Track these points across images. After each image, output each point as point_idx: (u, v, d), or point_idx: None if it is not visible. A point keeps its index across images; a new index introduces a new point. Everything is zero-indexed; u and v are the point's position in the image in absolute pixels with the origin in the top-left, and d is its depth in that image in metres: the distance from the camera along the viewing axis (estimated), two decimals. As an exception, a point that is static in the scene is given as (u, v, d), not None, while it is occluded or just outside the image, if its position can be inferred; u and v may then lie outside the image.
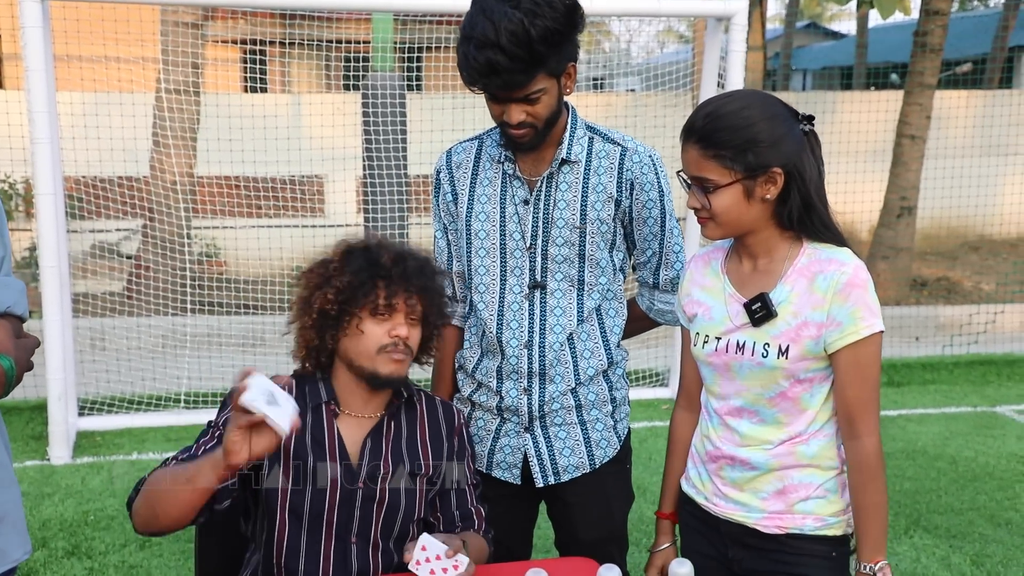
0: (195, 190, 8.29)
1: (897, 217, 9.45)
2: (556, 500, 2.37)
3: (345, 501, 2.00)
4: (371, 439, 2.06)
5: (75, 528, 4.13)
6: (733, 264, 1.99)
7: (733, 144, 1.82)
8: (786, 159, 1.83)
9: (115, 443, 5.28)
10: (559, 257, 2.24)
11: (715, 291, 2.00)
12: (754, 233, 1.91)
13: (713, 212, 1.87)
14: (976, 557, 3.88)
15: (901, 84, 15.33)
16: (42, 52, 4.71)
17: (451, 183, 2.34)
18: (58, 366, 4.93)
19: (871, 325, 1.84)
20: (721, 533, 2.03)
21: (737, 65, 5.40)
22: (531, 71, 2.03)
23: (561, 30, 2.03)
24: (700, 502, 2.06)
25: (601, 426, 2.33)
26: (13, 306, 1.85)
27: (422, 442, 2.12)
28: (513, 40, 1.97)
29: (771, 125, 1.84)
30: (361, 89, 6.12)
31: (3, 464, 1.86)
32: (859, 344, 1.84)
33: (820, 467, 1.93)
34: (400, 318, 2.04)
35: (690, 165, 1.88)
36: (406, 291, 2.04)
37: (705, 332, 1.99)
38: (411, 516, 2.06)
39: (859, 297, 1.83)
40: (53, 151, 4.85)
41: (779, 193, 1.85)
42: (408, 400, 2.14)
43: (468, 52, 2.02)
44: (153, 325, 6.95)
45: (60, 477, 4.74)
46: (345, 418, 2.08)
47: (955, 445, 5.27)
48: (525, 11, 1.98)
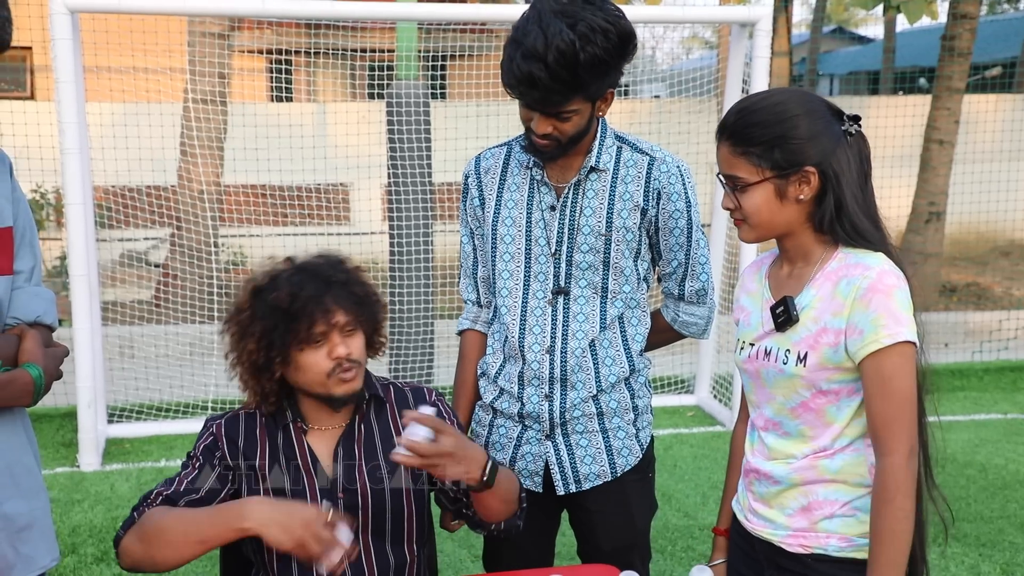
0: (222, 199, 8.36)
1: (925, 222, 9.36)
2: (577, 508, 2.37)
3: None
4: (342, 446, 2.05)
5: (104, 534, 4.17)
6: (775, 269, 1.95)
7: (762, 140, 1.77)
8: (820, 158, 1.77)
9: (144, 450, 5.33)
10: (583, 264, 2.24)
11: (756, 296, 1.97)
12: (791, 236, 1.85)
13: (744, 212, 1.83)
14: (1006, 566, 3.84)
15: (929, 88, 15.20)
16: (71, 63, 4.77)
17: (479, 188, 2.35)
18: (87, 374, 4.98)
19: (894, 334, 1.72)
20: (756, 550, 1.98)
21: (762, 71, 5.39)
22: (570, 94, 2.04)
23: (609, 61, 2.03)
24: (740, 519, 2.02)
25: (623, 434, 2.32)
26: (43, 315, 1.88)
27: (396, 435, 2.06)
28: (559, 60, 1.97)
29: (805, 122, 1.77)
30: (385, 97, 6.15)
31: (32, 472, 1.89)
32: (882, 354, 1.73)
33: (847, 483, 1.83)
34: (335, 337, 1.98)
35: (722, 163, 1.84)
36: (324, 311, 1.96)
37: (743, 338, 1.96)
38: (400, 513, 2.04)
39: (881, 303, 1.73)
40: (83, 161, 4.91)
41: (815, 194, 1.79)
42: (375, 398, 2.11)
43: (514, 58, 2.02)
44: (181, 333, 7.00)
45: (90, 484, 4.79)
46: (314, 432, 2.07)
47: (985, 452, 5.21)
48: (580, 34, 1.97)
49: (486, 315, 2.44)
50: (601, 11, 2.02)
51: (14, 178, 1.86)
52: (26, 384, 1.76)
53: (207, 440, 2.04)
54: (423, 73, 7.04)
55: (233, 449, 2.03)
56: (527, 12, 2.06)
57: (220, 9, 5.45)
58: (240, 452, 2.03)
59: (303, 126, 8.76)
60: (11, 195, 1.84)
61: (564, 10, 2.00)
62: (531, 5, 2.07)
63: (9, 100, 11.99)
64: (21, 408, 1.84)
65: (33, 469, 1.89)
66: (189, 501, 1.95)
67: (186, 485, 1.97)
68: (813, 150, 1.77)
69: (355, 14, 5.34)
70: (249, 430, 2.06)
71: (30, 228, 1.89)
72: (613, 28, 2.01)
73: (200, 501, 1.95)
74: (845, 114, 1.82)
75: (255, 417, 2.08)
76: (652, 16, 5.74)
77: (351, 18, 5.81)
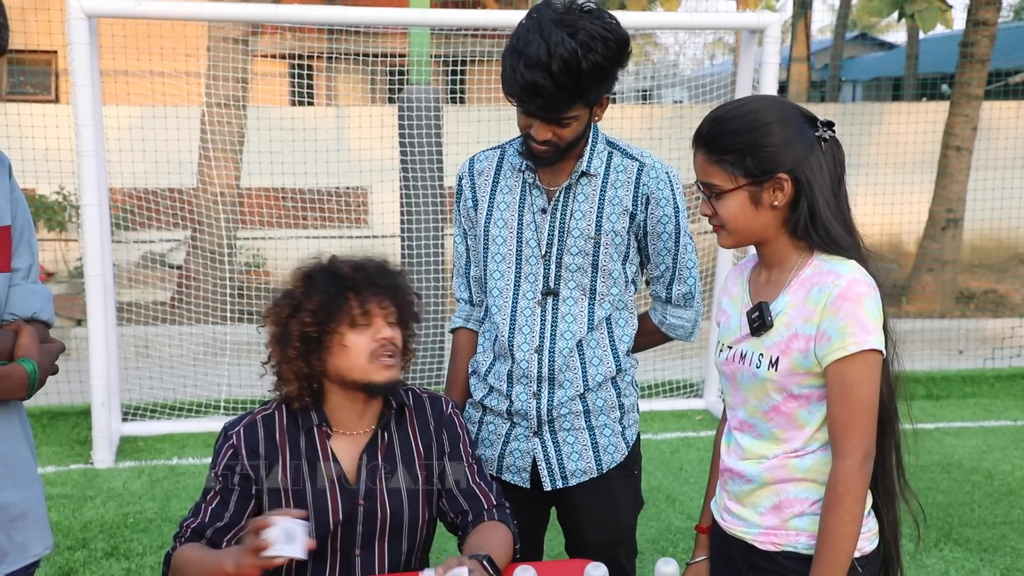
0: (240, 201, 8.45)
1: (943, 229, 9.33)
2: (564, 504, 2.41)
3: (347, 520, 2.04)
4: (366, 455, 2.08)
5: (115, 530, 4.25)
6: (755, 273, 1.98)
7: (735, 148, 1.80)
8: (793, 165, 1.79)
9: (156, 448, 5.41)
10: (573, 266, 2.29)
11: (737, 300, 2.00)
12: (767, 242, 1.88)
13: (721, 219, 1.86)
14: (1007, 571, 3.83)
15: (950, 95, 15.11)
16: (88, 67, 4.86)
17: (472, 189, 2.40)
18: (102, 372, 5.07)
19: (861, 342, 1.75)
20: (731, 549, 2.01)
21: (770, 77, 5.41)
22: (572, 101, 2.10)
23: (608, 68, 2.09)
24: (716, 518, 2.05)
25: (609, 432, 2.36)
26: (39, 311, 1.94)
27: (416, 446, 2.14)
28: (564, 68, 2.02)
29: (777, 129, 1.79)
30: (397, 102, 6.22)
31: (27, 463, 1.95)
32: (847, 361, 1.76)
33: (816, 482, 1.86)
34: (379, 322, 2.06)
35: (698, 170, 1.87)
36: (376, 295, 2.06)
37: (722, 341, 1.99)
38: (416, 520, 2.09)
39: (850, 311, 1.75)
40: (99, 163, 5.00)
41: (789, 200, 1.81)
42: (398, 409, 2.16)
43: (516, 67, 2.07)
44: (196, 333, 7.09)
45: (103, 480, 4.88)
46: (338, 437, 2.10)
47: (992, 459, 5.20)
48: (581, 42, 2.02)
49: (478, 314, 2.49)
50: (599, 19, 2.07)
51: (13, 178, 1.93)
52: (21, 378, 1.82)
53: (227, 454, 2.06)
54: (438, 78, 7.11)
55: (254, 459, 2.05)
56: (525, 22, 2.10)
57: (234, 15, 5.54)
58: (260, 458, 2.05)
59: (321, 129, 8.84)
60: (10, 195, 1.91)
61: (563, 19, 2.05)
62: (528, 15, 2.12)
63: (35, 103, 12.19)
64: (17, 401, 1.90)
65: (28, 460, 1.95)
66: (216, 530, 2.01)
67: (211, 514, 2.03)
68: (786, 157, 1.79)
69: (366, 20, 5.42)
70: (268, 435, 2.08)
71: (28, 227, 1.95)
72: (612, 36, 2.07)
73: (226, 527, 2.01)
74: (819, 120, 1.85)
75: (274, 419, 2.10)
76: (664, 22, 5.79)
77: (362, 24, 5.88)
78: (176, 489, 4.74)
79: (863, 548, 1.88)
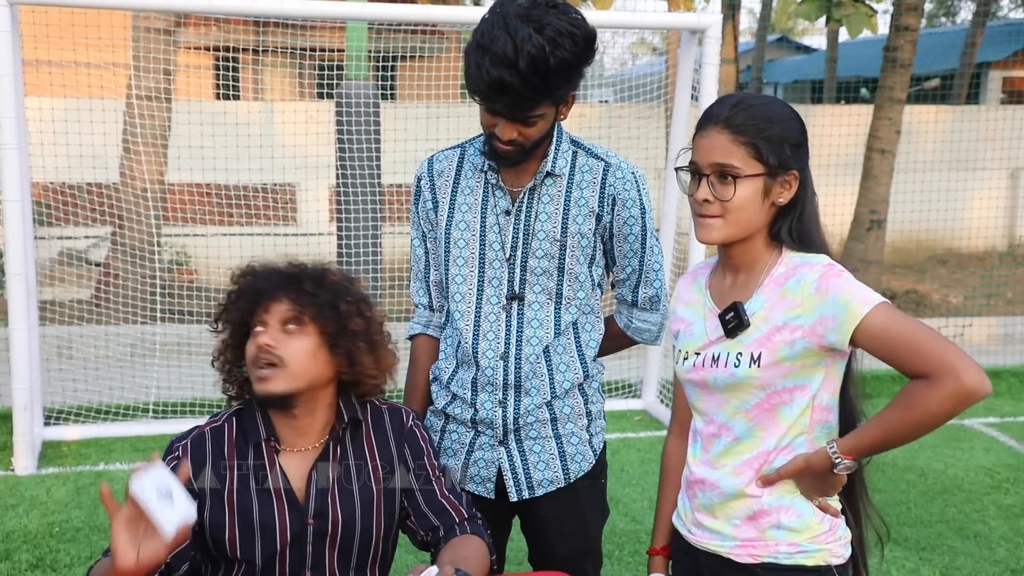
0: (166, 197, 8.22)
1: (867, 230, 9.53)
2: (530, 515, 2.35)
3: (296, 540, 1.94)
4: (316, 471, 1.97)
5: (39, 540, 4.06)
6: (716, 280, 1.95)
7: (766, 135, 1.77)
8: (802, 165, 1.81)
9: (82, 453, 5.20)
10: (538, 269, 2.23)
11: (697, 306, 1.96)
12: (745, 241, 1.84)
13: (728, 206, 1.78)
14: (945, 570, 3.91)
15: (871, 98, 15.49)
16: (11, 57, 4.64)
17: (432, 190, 2.32)
18: (24, 375, 4.85)
19: (866, 301, 1.70)
20: (700, 564, 1.95)
21: (711, 77, 5.43)
22: (539, 98, 2.03)
23: (576, 64, 2.03)
24: (683, 533, 1.99)
25: (576, 440, 2.31)
26: None
27: (372, 459, 2.02)
28: (531, 65, 1.96)
29: (798, 127, 1.82)
30: (335, 97, 6.09)
31: None
32: (865, 322, 1.69)
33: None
34: (262, 328, 1.92)
35: (713, 151, 1.78)
36: (271, 298, 1.93)
37: (685, 349, 1.94)
38: (369, 540, 1.99)
39: (839, 285, 1.73)
40: (21, 157, 4.78)
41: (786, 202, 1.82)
42: (352, 422, 2.04)
43: (481, 64, 1.99)
44: (121, 334, 6.85)
45: (25, 488, 4.66)
46: (287, 453, 1.99)
47: (924, 457, 5.30)
48: (548, 39, 1.96)
49: (438, 319, 2.41)
50: (565, 15, 2.01)
51: None
52: None
53: (170, 465, 1.92)
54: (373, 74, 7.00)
55: (197, 472, 1.93)
56: (489, 17, 2.03)
57: (164, 5, 5.35)
58: (206, 475, 1.94)
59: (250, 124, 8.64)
60: None
61: (528, 15, 1.98)
62: (492, 10, 2.05)
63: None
64: None
65: None
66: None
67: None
68: (799, 156, 1.81)
69: (304, 12, 5.28)
70: (217, 448, 1.97)
71: None
72: (579, 32, 2.01)
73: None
74: None
75: (223, 432, 2.00)
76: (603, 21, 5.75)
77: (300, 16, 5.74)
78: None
79: (842, 554, 1.87)
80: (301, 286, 1.96)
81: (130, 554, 1.60)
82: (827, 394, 1.85)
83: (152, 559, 1.61)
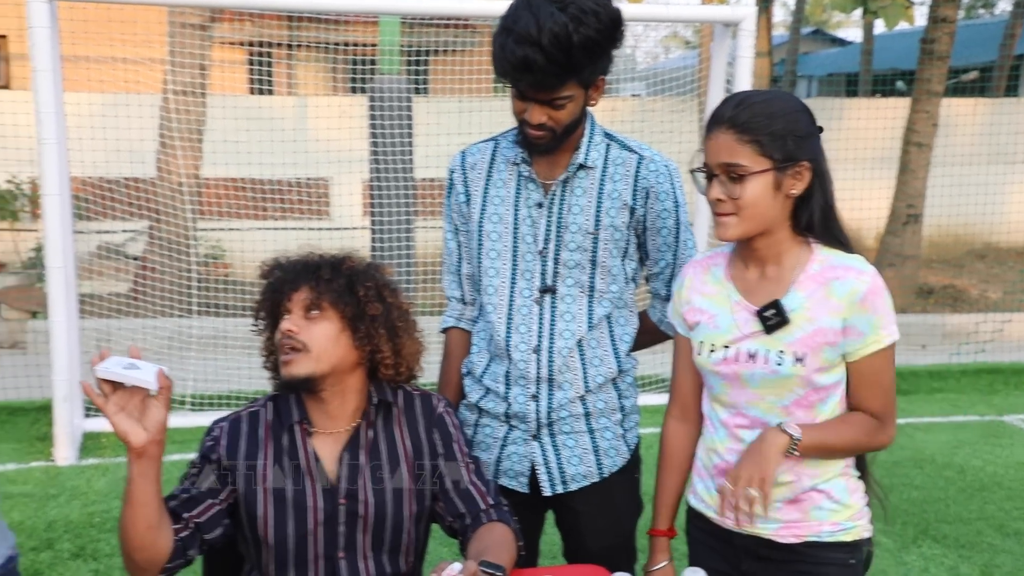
0: (200, 192, 8.28)
1: (904, 224, 9.42)
2: (564, 509, 2.34)
3: (328, 520, 1.97)
4: (348, 453, 2.01)
5: (80, 530, 4.12)
6: (738, 271, 1.96)
7: (770, 130, 1.80)
8: (813, 155, 1.83)
9: (121, 445, 5.22)
10: (571, 262, 2.22)
11: (719, 298, 1.97)
12: (768, 235, 1.87)
13: (740, 204, 1.83)
14: (985, 568, 3.86)
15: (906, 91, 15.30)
16: (49, 52, 4.70)
17: (464, 184, 2.33)
18: (64, 367, 4.92)
19: (892, 334, 1.85)
20: (735, 547, 2.00)
21: (745, 71, 5.39)
22: (564, 76, 2.03)
23: (602, 42, 2.03)
24: (710, 516, 2.03)
25: (610, 435, 2.30)
26: None
27: (402, 443, 2.06)
28: (554, 42, 1.96)
29: (804, 119, 1.85)
30: (368, 92, 6.11)
31: None
32: (879, 352, 1.85)
33: (827, 465, 1.92)
34: (288, 315, 1.99)
35: (720, 152, 1.83)
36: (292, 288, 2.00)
37: (711, 341, 1.95)
38: (400, 524, 2.01)
39: (879, 306, 1.83)
40: (60, 152, 4.84)
41: (801, 192, 1.84)
42: (383, 404, 2.08)
43: (506, 44, 2.00)
44: (159, 327, 6.93)
45: (66, 478, 4.73)
46: (320, 435, 2.03)
47: (963, 454, 5.24)
48: (571, 16, 1.96)
49: (471, 312, 2.41)
50: None
51: None
52: None
53: (208, 443, 2.02)
54: (405, 68, 7.01)
55: (232, 450, 2.00)
56: (514, 2, 2.04)
57: (201, 1, 5.39)
58: (240, 453, 2.00)
59: (283, 119, 8.70)
60: None
61: None
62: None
63: (-16, 89, 11.85)
64: None
65: None
66: (180, 501, 1.93)
67: (179, 489, 1.97)
68: (808, 147, 1.83)
69: (337, 7, 5.30)
70: (252, 431, 2.03)
71: None
72: (602, 10, 2.01)
73: (192, 500, 1.94)
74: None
75: (259, 416, 2.05)
76: (636, 14, 5.73)
77: (334, 11, 5.76)
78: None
79: (871, 528, 1.98)
80: (319, 274, 2.02)
81: (137, 429, 1.75)
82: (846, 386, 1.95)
83: (157, 424, 1.76)
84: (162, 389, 1.76)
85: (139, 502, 1.79)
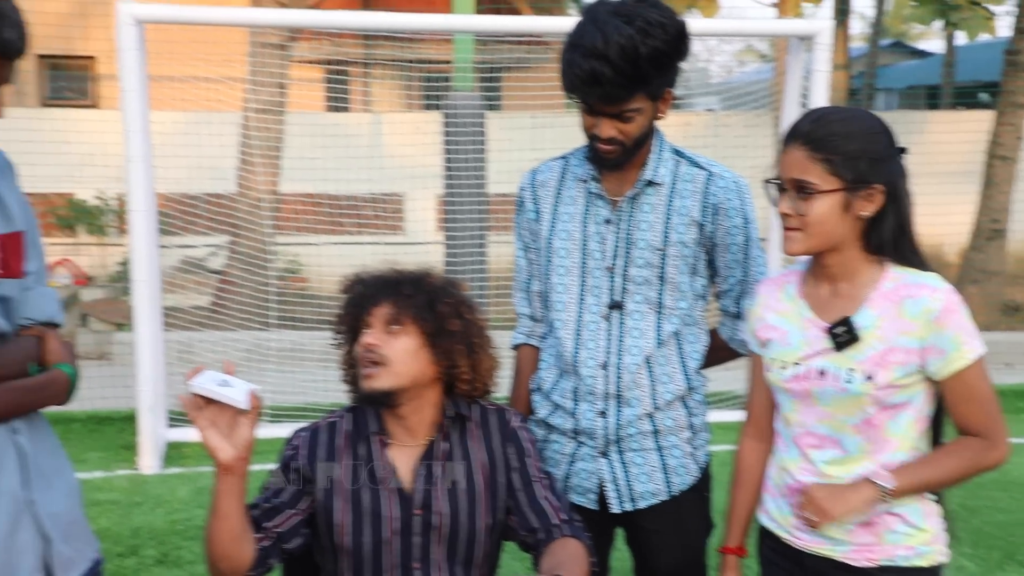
0: (278, 207, 8.47)
1: (988, 240, 9.19)
2: (633, 527, 2.35)
3: (404, 529, 2.01)
4: (423, 464, 2.05)
5: (164, 537, 4.24)
6: (810, 288, 1.95)
7: (844, 151, 1.79)
8: (888, 178, 1.81)
9: (203, 455, 5.36)
10: (639, 278, 2.23)
11: (791, 316, 1.96)
12: (837, 252, 1.86)
13: (807, 221, 1.82)
14: (1070, 594, 3.74)
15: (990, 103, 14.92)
16: (137, 73, 4.88)
17: (534, 201, 2.35)
18: (148, 378, 5.07)
19: (975, 348, 1.82)
20: (805, 567, 1.98)
21: (821, 84, 5.33)
22: (632, 88, 2.05)
23: (669, 53, 2.05)
24: (781, 536, 2.01)
25: (679, 452, 2.30)
26: (54, 315, 1.92)
27: (477, 457, 2.09)
28: (621, 54, 1.98)
29: (883, 140, 1.83)
30: (442, 108, 6.19)
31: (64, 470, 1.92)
32: (968, 369, 1.82)
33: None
34: (368, 329, 2.03)
35: (792, 167, 1.83)
36: (374, 303, 2.04)
37: (782, 358, 1.95)
38: (475, 536, 2.04)
39: (957, 323, 1.81)
40: (146, 169, 5.01)
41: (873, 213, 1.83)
42: (457, 417, 2.11)
43: (573, 59, 2.04)
44: (238, 339, 7.09)
45: (150, 487, 4.87)
46: (397, 447, 2.07)
47: (1049, 477, 5.08)
48: (637, 28, 1.99)
49: (540, 329, 2.43)
50: (655, 8, 2.04)
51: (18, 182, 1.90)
52: (63, 384, 1.82)
53: (288, 452, 2.07)
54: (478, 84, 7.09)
55: (311, 460, 2.05)
56: (581, 20, 2.08)
57: (280, 20, 5.53)
58: (318, 463, 2.05)
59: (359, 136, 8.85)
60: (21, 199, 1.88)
61: (618, 10, 2.02)
62: (584, 11, 2.10)
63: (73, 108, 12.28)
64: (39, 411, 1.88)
65: (66, 467, 1.93)
66: (263, 510, 1.99)
67: (262, 498, 2.03)
68: (884, 170, 1.82)
69: (412, 26, 5.39)
70: (329, 440, 2.08)
71: (34, 229, 1.93)
72: (669, 22, 2.03)
73: (275, 509, 2.00)
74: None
75: (337, 426, 2.11)
76: (711, 29, 5.72)
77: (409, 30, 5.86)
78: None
79: (947, 552, 1.94)
80: (400, 289, 2.06)
81: (225, 446, 1.80)
82: (927, 406, 1.91)
83: (245, 442, 1.81)
84: (252, 409, 1.82)
85: (224, 515, 1.85)
